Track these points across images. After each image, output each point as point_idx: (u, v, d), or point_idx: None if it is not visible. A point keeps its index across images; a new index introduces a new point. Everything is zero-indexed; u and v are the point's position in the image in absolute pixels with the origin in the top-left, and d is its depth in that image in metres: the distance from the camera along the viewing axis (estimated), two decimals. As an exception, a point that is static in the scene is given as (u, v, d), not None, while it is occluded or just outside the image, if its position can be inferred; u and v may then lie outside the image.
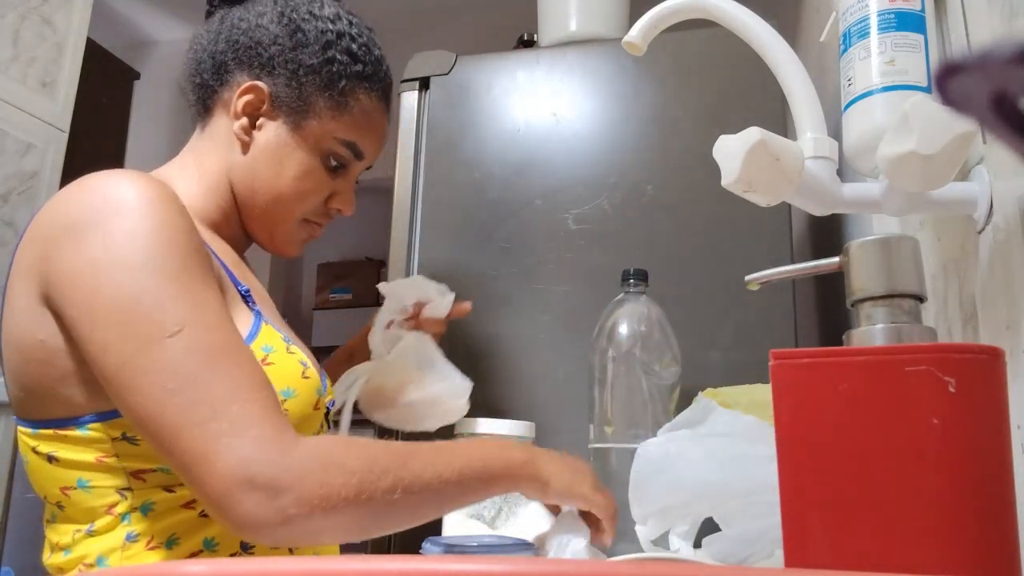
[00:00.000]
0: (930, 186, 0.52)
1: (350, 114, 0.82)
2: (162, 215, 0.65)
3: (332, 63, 0.81)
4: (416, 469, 0.64)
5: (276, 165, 0.81)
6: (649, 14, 0.66)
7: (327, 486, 0.59)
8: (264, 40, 0.81)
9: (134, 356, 0.61)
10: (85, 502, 0.68)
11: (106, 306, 0.62)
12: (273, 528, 0.58)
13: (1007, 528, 0.38)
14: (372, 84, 0.84)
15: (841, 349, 0.41)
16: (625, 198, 1.16)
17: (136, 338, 0.61)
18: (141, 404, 0.60)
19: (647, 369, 0.89)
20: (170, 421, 0.60)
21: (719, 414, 0.74)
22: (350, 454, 0.62)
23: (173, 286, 0.63)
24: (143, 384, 0.60)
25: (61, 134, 1.50)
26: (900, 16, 0.60)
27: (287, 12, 0.82)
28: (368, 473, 0.61)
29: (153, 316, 0.61)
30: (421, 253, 1.23)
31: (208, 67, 0.83)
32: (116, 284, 0.62)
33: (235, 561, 0.23)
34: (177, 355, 0.61)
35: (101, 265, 0.63)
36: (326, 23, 0.82)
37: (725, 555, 0.63)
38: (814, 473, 0.40)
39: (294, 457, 0.59)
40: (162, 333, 0.61)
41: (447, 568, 0.23)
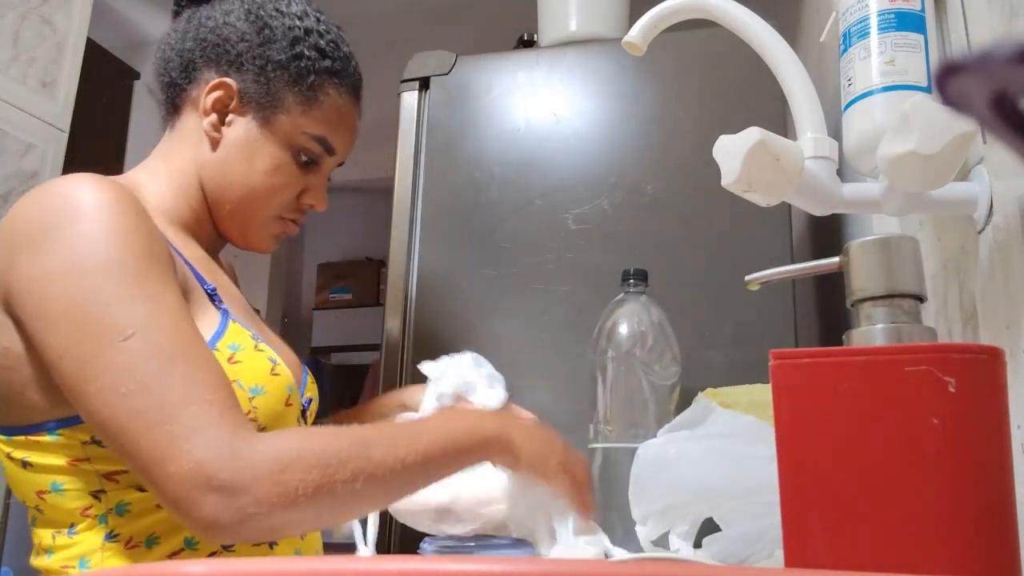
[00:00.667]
0: (930, 186, 0.53)
1: (319, 109, 0.82)
2: (119, 218, 0.65)
3: (300, 58, 0.80)
4: (377, 457, 0.63)
5: (247, 161, 0.80)
6: (649, 14, 0.66)
7: (284, 484, 0.59)
8: (231, 37, 0.81)
9: (89, 360, 0.61)
10: (61, 505, 0.68)
11: (61, 311, 0.62)
12: (234, 528, 0.59)
13: (1007, 528, 0.38)
14: (341, 80, 0.84)
15: (841, 349, 0.41)
16: (625, 198, 1.16)
17: (90, 342, 0.61)
18: (97, 409, 0.61)
19: (647, 369, 0.89)
20: (126, 425, 0.60)
21: (719, 414, 0.74)
22: (309, 448, 0.62)
23: (128, 289, 0.63)
24: (98, 388, 0.61)
25: (61, 134, 1.50)
26: (900, 16, 0.60)
27: (254, 9, 0.82)
28: (327, 467, 0.61)
29: (107, 320, 0.61)
30: (421, 253, 1.23)
31: (176, 65, 0.82)
32: (70, 289, 0.62)
33: (235, 561, 0.23)
34: (131, 358, 0.61)
35: (56, 271, 0.63)
36: (293, 19, 0.82)
37: (725, 555, 0.63)
38: (814, 473, 0.40)
39: (250, 457, 0.59)
40: (116, 336, 0.61)
41: (447, 568, 0.23)
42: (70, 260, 0.63)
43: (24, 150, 1.41)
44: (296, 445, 0.62)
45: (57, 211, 0.65)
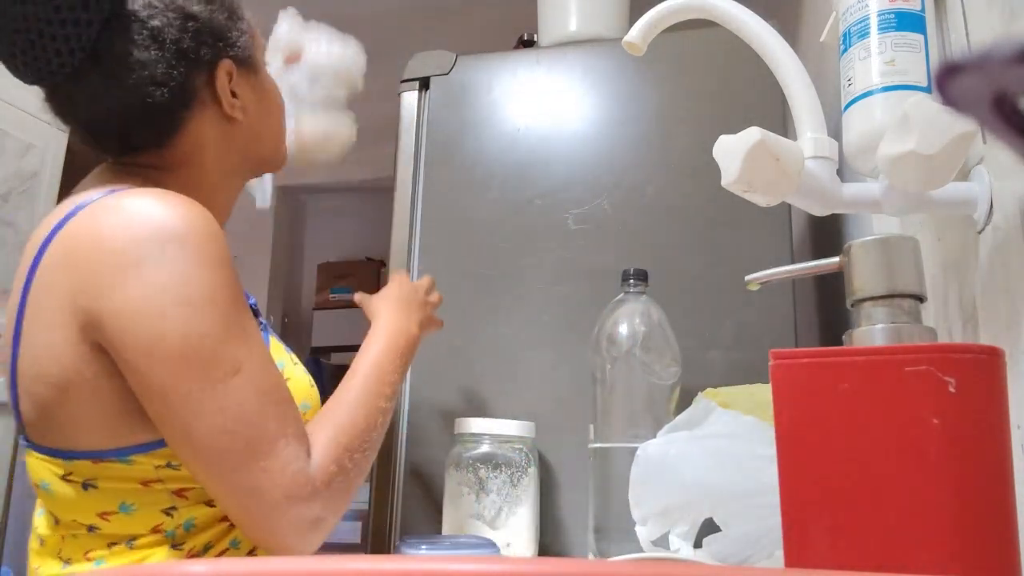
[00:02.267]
0: (930, 186, 0.52)
1: (252, 28, 0.84)
2: (213, 249, 0.66)
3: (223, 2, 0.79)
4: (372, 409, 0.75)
5: (270, 103, 0.86)
6: (649, 14, 0.66)
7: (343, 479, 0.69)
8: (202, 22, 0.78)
9: (197, 395, 0.63)
10: (127, 525, 0.68)
11: (169, 346, 0.62)
12: (315, 536, 0.66)
13: (1007, 528, 0.38)
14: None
15: (841, 349, 0.41)
16: (625, 198, 1.16)
17: (199, 378, 0.63)
18: (197, 442, 0.63)
19: (647, 369, 0.89)
20: (225, 459, 0.63)
21: (719, 415, 0.74)
22: (342, 434, 0.71)
23: (229, 323, 0.65)
24: (203, 423, 0.63)
25: (61, 134, 1.50)
26: (900, 16, 0.60)
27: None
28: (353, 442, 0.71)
29: (214, 356, 0.63)
30: (421, 253, 1.23)
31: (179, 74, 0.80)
32: (179, 324, 0.63)
33: (235, 561, 0.23)
34: (236, 394, 0.64)
35: (156, 303, 0.63)
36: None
37: (725, 555, 0.63)
38: (814, 473, 0.40)
39: (315, 467, 0.67)
40: (224, 374, 0.63)
41: (447, 568, 0.23)
42: (171, 292, 0.63)
43: (24, 150, 1.41)
44: (332, 438, 0.70)
45: (147, 238, 0.64)
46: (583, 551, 1.00)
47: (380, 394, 0.76)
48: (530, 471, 0.97)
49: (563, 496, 1.06)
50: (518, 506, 0.96)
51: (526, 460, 0.97)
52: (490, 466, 0.96)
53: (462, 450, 0.97)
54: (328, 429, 0.70)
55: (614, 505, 0.85)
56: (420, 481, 1.11)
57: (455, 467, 0.97)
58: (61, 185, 1.50)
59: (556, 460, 1.08)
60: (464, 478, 0.96)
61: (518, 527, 0.95)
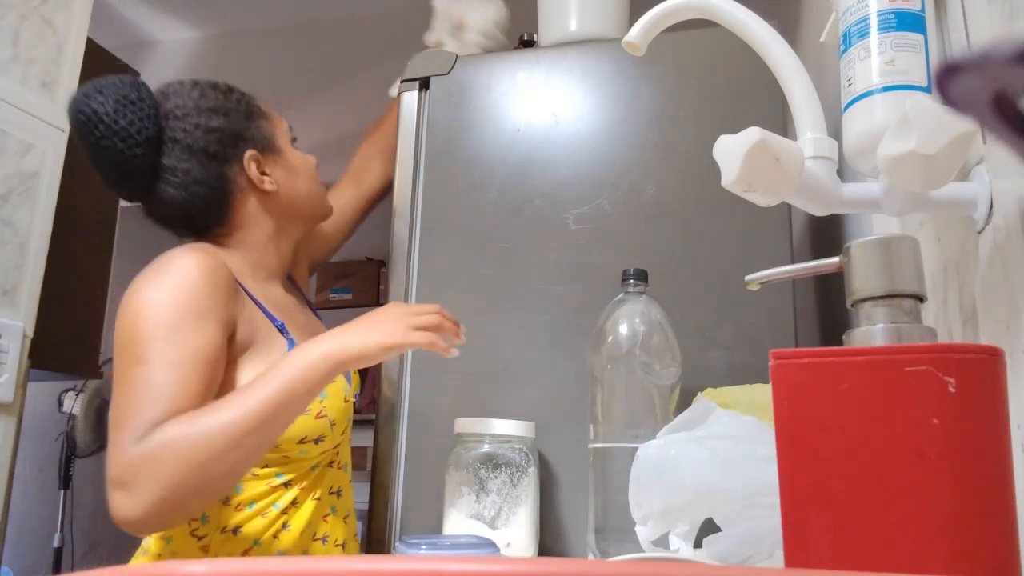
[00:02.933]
0: (930, 186, 0.52)
1: (269, 114, 1.11)
2: (193, 283, 0.89)
3: (240, 103, 1.07)
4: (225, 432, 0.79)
5: (295, 176, 1.10)
6: (649, 14, 0.66)
7: (159, 472, 0.77)
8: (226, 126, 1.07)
9: (118, 372, 0.85)
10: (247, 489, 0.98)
11: (119, 333, 0.88)
12: (132, 523, 0.77)
13: (1007, 528, 0.38)
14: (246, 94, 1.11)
15: (841, 349, 0.41)
16: (625, 198, 1.16)
17: (122, 360, 0.86)
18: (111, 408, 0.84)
19: (647, 369, 0.89)
20: (112, 425, 0.82)
21: (718, 415, 0.74)
22: (182, 432, 0.79)
23: (166, 334, 0.85)
24: (114, 393, 0.84)
25: (61, 134, 1.50)
26: (900, 16, 0.60)
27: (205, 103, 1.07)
28: (197, 448, 0.78)
29: (138, 348, 0.85)
30: (421, 253, 1.23)
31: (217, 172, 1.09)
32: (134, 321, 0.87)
33: (235, 561, 0.23)
34: (132, 379, 0.84)
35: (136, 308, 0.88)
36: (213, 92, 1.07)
37: (725, 555, 0.63)
38: (814, 473, 0.40)
39: (134, 452, 0.78)
40: (134, 362, 0.84)
41: (447, 568, 0.23)
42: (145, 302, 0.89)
43: (24, 150, 1.41)
44: (168, 433, 0.79)
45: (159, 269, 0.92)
46: (583, 551, 1.00)
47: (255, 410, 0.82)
48: (530, 471, 0.97)
49: (563, 496, 1.06)
50: (518, 506, 0.96)
51: (526, 460, 0.97)
52: (490, 466, 0.96)
53: (462, 450, 0.97)
54: (176, 423, 0.80)
55: (614, 505, 0.85)
56: (420, 481, 1.11)
57: (455, 467, 0.97)
58: (61, 185, 1.50)
59: (556, 460, 1.08)
60: (464, 478, 0.96)
61: (518, 527, 0.95)
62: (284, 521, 0.97)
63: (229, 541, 0.94)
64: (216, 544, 0.94)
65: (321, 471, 1.03)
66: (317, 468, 1.02)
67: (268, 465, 0.97)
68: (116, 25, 3.14)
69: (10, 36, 1.41)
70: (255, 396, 0.82)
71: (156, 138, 0.99)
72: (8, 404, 1.32)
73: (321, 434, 0.99)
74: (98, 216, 2.18)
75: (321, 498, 1.02)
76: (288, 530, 0.97)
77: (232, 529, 0.95)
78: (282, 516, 0.97)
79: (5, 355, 1.31)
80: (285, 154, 1.10)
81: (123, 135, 0.96)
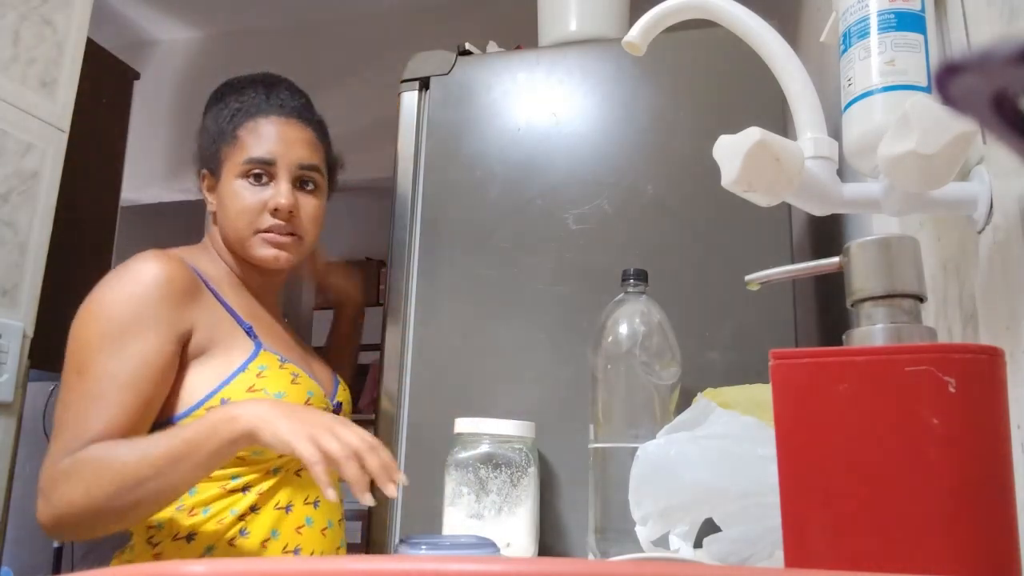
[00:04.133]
0: (930, 186, 0.52)
1: (241, 141, 1.06)
2: (144, 289, 0.92)
3: (223, 123, 1.07)
4: (127, 471, 0.82)
5: (223, 207, 1.06)
6: (649, 14, 0.66)
7: (66, 491, 0.82)
8: (198, 147, 1.13)
9: (64, 379, 0.89)
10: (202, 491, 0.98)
11: (69, 341, 0.91)
12: (48, 528, 0.83)
13: (1007, 528, 0.38)
14: (256, 115, 1.07)
15: (841, 349, 0.41)
16: (625, 198, 1.16)
17: (68, 368, 0.89)
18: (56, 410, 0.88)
19: (647, 369, 0.89)
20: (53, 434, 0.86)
21: (718, 415, 0.74)
22: (90, 456, 0.83)
23: (108, 343, 0.88)
24: (59, 397, 0.88)
25: (61, 134, 1.50)
26: (900, 16, 0.60)
27: (204, 122, 1.12)
28: (90, 482, 0.81)
29: (81, 358, 0.88)
30: (421, 253, 1.23)
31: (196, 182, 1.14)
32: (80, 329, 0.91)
33: (235, 561, 0.23)
34: (69, 388, 0.88)
35: (88, 312, 0.92)
36: (213, 101, 1.12)
37: (725, 555, 0.63)
38: (814, 473, 0.40)
39: (56, 467, 0.83)
40: (74, 371, 0.88)
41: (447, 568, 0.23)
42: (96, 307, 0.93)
43: (24, 150, 1.41)
44: (83, 455, 0.83)
45: (118, 270, 0.95)
46: (583, 551, 1.00)
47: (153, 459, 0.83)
48: (530, 471, 0.97)
49: (563, 496, 1.06)
50: (518, 506, 0.96)
51: (526, 460, 0.97)
52: (490, 466, 0.96)
53: (462, 450, 0.97)
54: (94, 448, 0.83)
55: (614, 505, 0.85)
56: (420, 481, 1.11)
57: (455, 467, 0.97)
58: (61, 185, 1.50)
59: (556, 460, 1.08)
60: (464, 478, 0.96)
61: (518, 527, 0.95)
62: (241, 527, 0.94)
63: (182, 548, 0.92)
64: (169, 552, 0.92)
65: (286, 477, 0.99)
66: (280, 473, 0.99)
67: (224, 466, 0.93)
68: (116, 25, 3.13)
69: (10, 36, 1.41)
70: (162, 443, 0.83)
71: None
72: (8, 404, 1.32)
73: None
74: (98, 216, 2.18)
75: (292, 508, 0.99)
76: (247, 537, 0.94)
77: (185, 536, 0.93)
78: (239, 523, 0.94)
79: (5, 355, 1.31)
80: (221, 184, 1.07)
81: None
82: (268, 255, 1.04)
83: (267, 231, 1.04)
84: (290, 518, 0.98)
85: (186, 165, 1.17)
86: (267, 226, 1.04)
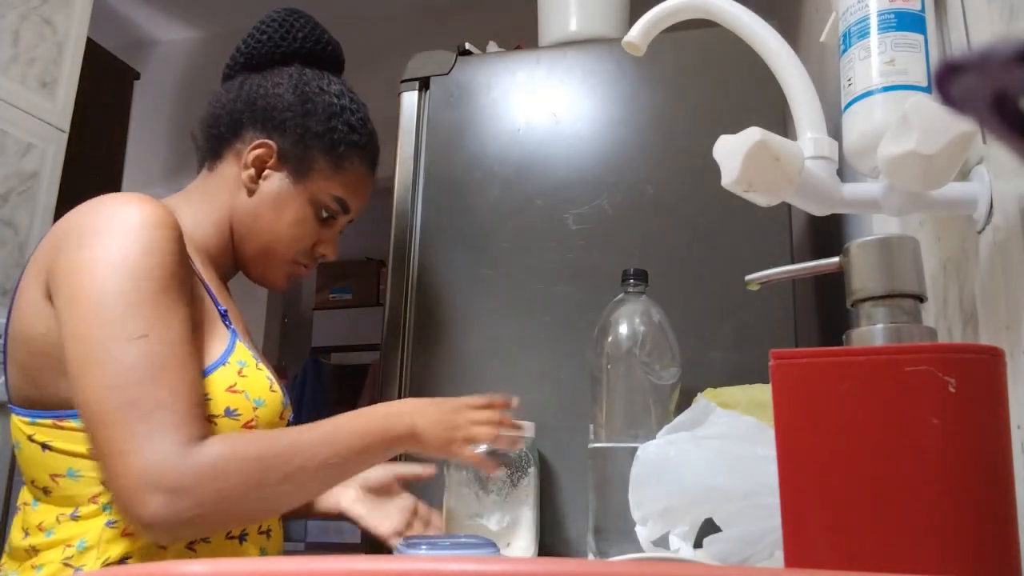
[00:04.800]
0: (930, 186, 0.52)
1: (343, 174, 0.95)
2: (157, 239, 0.74)
3: (334, 131, 0.93)
4: (301, 461, 0.74)
5: (276, 211, 0.92)
6: (649, 14, 0.66)
7: (221, 487, 0.68)
8: (279, 105, 0.93)
9: (95, 346, 0.69)
10: (72, 489, 0.75)
11: (84, 297, 0.70)
12: (172, 528, 0.67)
13: (1007, 528, 0.38)
14: (364, 152, 0.97)
15: (841, 349, 0.41)
16: (625, 198, 1.16)
17: (101, 331, 0.69)
18: (86, 392, 0.68)
19: (647, 369, 0.89)
20: (106, 413, 0.67)
21: (718, 415, 0.74)
22: (244, 453, 0.71)
23: (150, 298, 0.71)
24: (96, 374, 0.68)
25: (61, 134, 1.50)
26: (900, 16, 0.60)
27: (300, 85, 0.95)
28: (259, 472, 0.71)
29: (124, 317, 0.70)
30: (421, 253, 1.23)
31: (225, 121, 0.94)
32: (98, 280, 0.71)
33: (235, 561, 0.23)
34: (133, 357, 0.69)
35: (91, 263, 0.71)
36: (332, 98, 0.95)
37: (725, 555, 0.63)
38: (814, 473, 0.40)
39: (195, 462, 0.68)
40: (127, 334, 0.69)
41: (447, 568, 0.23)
42: (106, 258, 0.72)
43: (24, 150, 1.41)
44: (234, 450, 0.71)
45: (107, 218, 0.74)
46: (583, 551, 1.00)
47: (325, 454, 0.76)
48: (530, 471, 0.97)
49: (563, 496, 1.06)
50: (518, 506, 0.96)
51: (526, 460, 0.97)
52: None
53: None
54: (241, 442, 0.72)
55: (614, 505, 0.85)
56: (420, 481, 1.10)
57: (455, 467, 0.97)
58: (61, 185, 1.50)
59: (556, 460, 1.08)
60: (464, 478, 0.96)
61: (518, 527, 0.95)
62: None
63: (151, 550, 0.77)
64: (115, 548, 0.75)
65: None
66: None
67: None
68: (116, 25, 3.14)
69: (10, 36, 1.41)
70: (328, 442, 0.77)
71: None
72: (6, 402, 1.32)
73: None
74: (98, 216, 2.17)
75: (246, 538, 0.84)
76: (208, 543, 0.80)
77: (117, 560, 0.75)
78: (188, 552, 0.78)
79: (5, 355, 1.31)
80: (290, 185, 0.93)
81: None
82: (279, 282, 0.97)
83: (298, 263, 0.97)
84: (242, 547, 0.84)
85: (187, 163, 1.11)
86: (305, 260, 0.98)
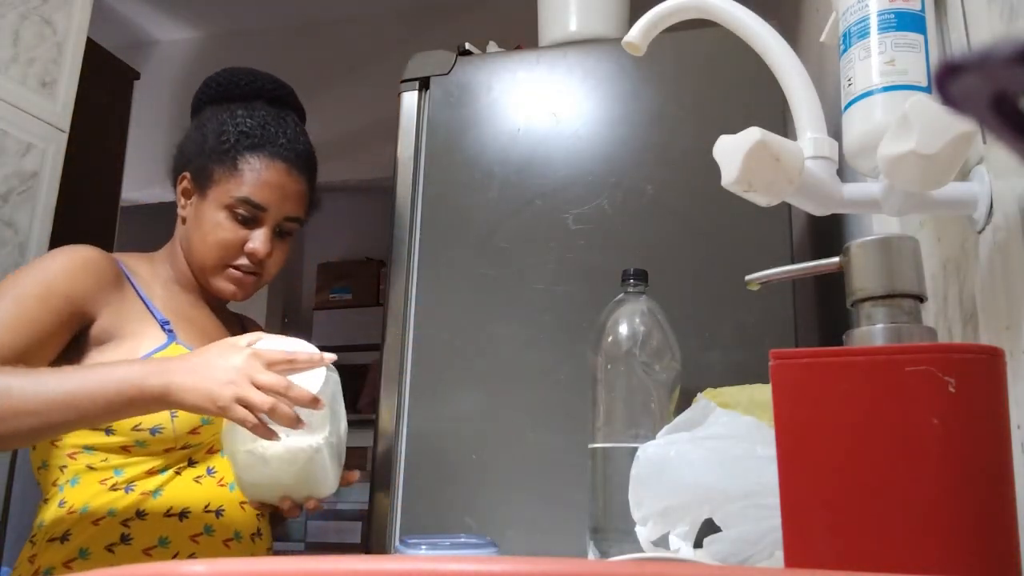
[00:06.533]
0: (930, 186, 0.52)
1: (242, 175, 1.02)
2: (66, 267, 0.94)
3: (224, 142, 1.03)
4: (20, 394, 0.80)
5: (198, 228, 1.03)
6: (649, 14, 0.66)
7: None
8: (188, 143, 1.08)
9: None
10: (45, 479, 0.96)
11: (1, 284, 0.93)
12: None
13: (1007, 528, 0.38)
14: (264, 150, 1.03)
15: (841, 349, 0.41)
16: (625, 198, 1.16)
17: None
18: None
19: (647, 369, 0.89)
20: None
21: (718, 415, 0.74)
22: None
23: (30, 292, 0.91)
24: None
25: (61, 134, 1.50)
26: (900, 16, 0.60)
27: (202, 120, 1.08)
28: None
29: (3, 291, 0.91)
30: (421, 253, 1.23)
31: (171, 173, 1.10)
32: (11, 278, 0.93)
33: (235, 561, 0.23)
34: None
35: (16, 272, 0.95)
36: (224, 116, 1.06)
37: (725, 555, 0.63)
38: (814, 473, 0.40)
39: None
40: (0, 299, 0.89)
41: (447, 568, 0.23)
42: (24, 270, 0.95)
43: (24, 150, 1.41)
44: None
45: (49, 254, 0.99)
46: (583, 551, 1.00)
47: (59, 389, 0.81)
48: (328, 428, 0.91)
49: (563, 496, 1.06)
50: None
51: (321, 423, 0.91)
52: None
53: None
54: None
55: (614, 505, 0.85)
56: (420, 481, 1.11)
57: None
58: (61, 185, 1.50)
59: (556, 460, 1.08)
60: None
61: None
62: (123, 533, 0.90)
63: (57, 551, 0.90)
64: (45, 555, 0.90)
65: (167, 479, 0.95)
66: (166, 472, 0.95)
67: (106, 460, 0.92)
68: (116, 25, 3.13)
69: (10, 36, 1.41)
70: (62, 382, 0.82)
71: None
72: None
73: (158, 424, 0.92)
74: (98, 216, 2.17)
75: (189, 514, 0.93)
76: (129, 544, 0.90)
77: (60, 536, 0.90)
78: (121, 528, 0.91)
79: (5, 355, 1.31)
80: (203, 203, 1.03)
81: None
82: (227, 289, 1.05)
83: (235, 267, 1.04)
84: (184, 526, 0.93)
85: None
86: (236, 263, 1.04)
